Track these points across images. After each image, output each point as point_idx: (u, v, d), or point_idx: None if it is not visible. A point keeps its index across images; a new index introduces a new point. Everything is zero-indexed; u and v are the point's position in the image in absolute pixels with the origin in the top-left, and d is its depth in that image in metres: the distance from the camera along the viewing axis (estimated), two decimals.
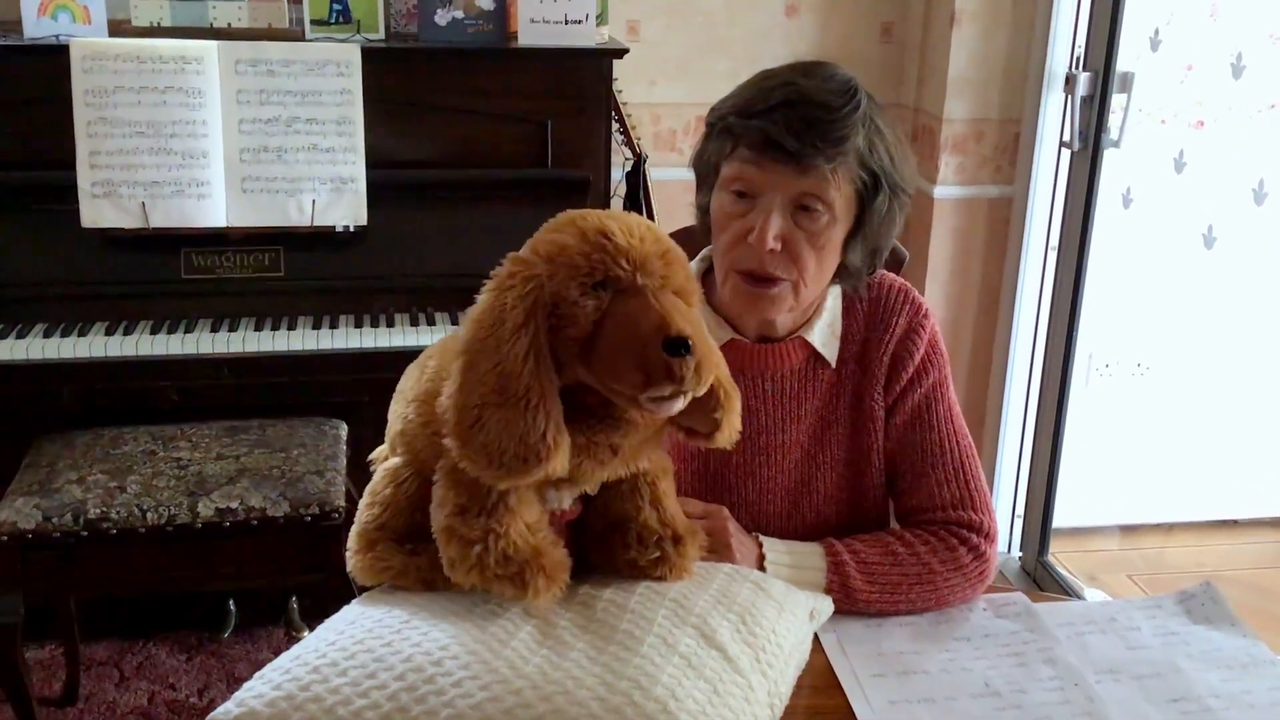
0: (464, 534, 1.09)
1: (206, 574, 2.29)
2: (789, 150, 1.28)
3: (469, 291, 1.12)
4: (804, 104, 1.29)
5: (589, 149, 2.71)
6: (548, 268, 1.06)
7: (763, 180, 1.31)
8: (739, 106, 1.33)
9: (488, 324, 1.05)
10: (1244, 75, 3.18)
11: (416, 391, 1.17)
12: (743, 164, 1.32)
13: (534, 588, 1.09)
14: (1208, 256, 3.35)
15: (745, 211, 1.33)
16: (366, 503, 1.22)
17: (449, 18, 2.65)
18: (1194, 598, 1.42)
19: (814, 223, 1.32)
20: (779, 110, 1.29)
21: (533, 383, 1.03)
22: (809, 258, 1.33)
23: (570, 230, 1.08)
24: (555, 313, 1.05)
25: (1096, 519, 3.52)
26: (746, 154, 1.31)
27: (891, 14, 3.28)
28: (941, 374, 1.48)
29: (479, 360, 1.04)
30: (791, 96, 1.29)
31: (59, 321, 2.43)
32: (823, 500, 1.49)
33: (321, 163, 2.51)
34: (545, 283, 1.05)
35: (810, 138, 1.27)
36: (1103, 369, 3.43)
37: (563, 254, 1.06)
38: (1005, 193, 3.18)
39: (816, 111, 1.28)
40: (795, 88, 1.30)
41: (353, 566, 1.21)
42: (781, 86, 1.31)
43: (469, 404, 1.04)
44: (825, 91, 1.30)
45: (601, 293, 1.05)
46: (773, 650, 1.15)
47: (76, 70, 2.39)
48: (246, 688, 1.06)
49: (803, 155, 1.28)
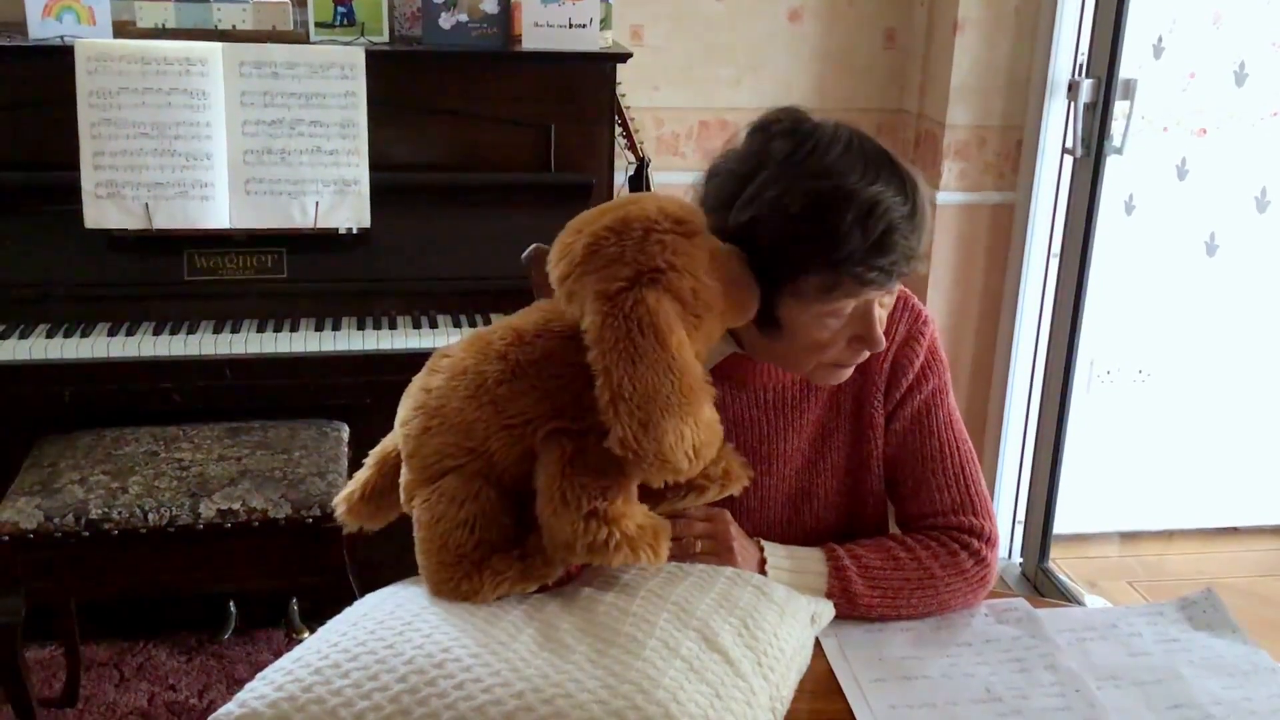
0: (610, 513, 1.13)
1: (207, 575, 2.29)
2: (895, 276, 1.25)
3: (471, 294, 1.14)
4: (908, 235, 1.23)
5: (592, 153, 2.72)
6: (672, 273, 1.14)
7: (867, 300, 1.28)
8: (862, 257, 1.21)
9: (648, 347, 1.10)
10: (1247, 83, 3.18)
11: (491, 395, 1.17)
12: (847, 296, 1.25)
13: (664, 550, 1.18)
14: (1210, 264, 3.35)
15: (843, 323, 1.29)
16: (445, 529, 1.17)
17: (453, 21, 2.66)
18: (1195, 604, 1.42)
19: (891, 297, 1.34)
20: (881, 247, 1.22)
21: (700, 379, 1.14)
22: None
23: (657, 233, 1.15)
24: (696, 304, 1.15)
25: (1097, 525, 3.52)
26: (853, 286, 1.24)
27: (894, 20, 3.28)
28: (941, 380, 1.48)
29: (656, 382, 1.10)
30: (900, 235, 1.23)
31: (62, 322, 2.43)
32: (823, 507, 1.49)
33: (325, 165, 2.51)
34: (678, 285, 1.14)
35: (910, 265, 1.26)
36: (1104, 376, 3.43)
37: (678, 254, 1.15)
38: (1007, 199, 3.18)
39: (911, 243, 1.24)
40: (904, 227, 1.23)
41: (463, 593, 1.16)
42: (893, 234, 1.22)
43: (664, 426, 1.09)
44: (919, 216, 1.26)
45: (710, 264, 1.17)
46: (774, 654, 1.15)
47: (81, 71, 2.40)
48: (249, 688, 1.06)
49: (906, 273, 1.27)
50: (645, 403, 1.09)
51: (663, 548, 1.17)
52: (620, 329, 1.10)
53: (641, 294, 1.11)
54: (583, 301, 1.15)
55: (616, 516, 1.13)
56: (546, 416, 1.16)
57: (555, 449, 1.15)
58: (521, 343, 1.19)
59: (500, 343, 1.20)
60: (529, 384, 1.17)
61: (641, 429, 1.08)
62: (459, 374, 1.20)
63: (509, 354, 1.18)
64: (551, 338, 1.18)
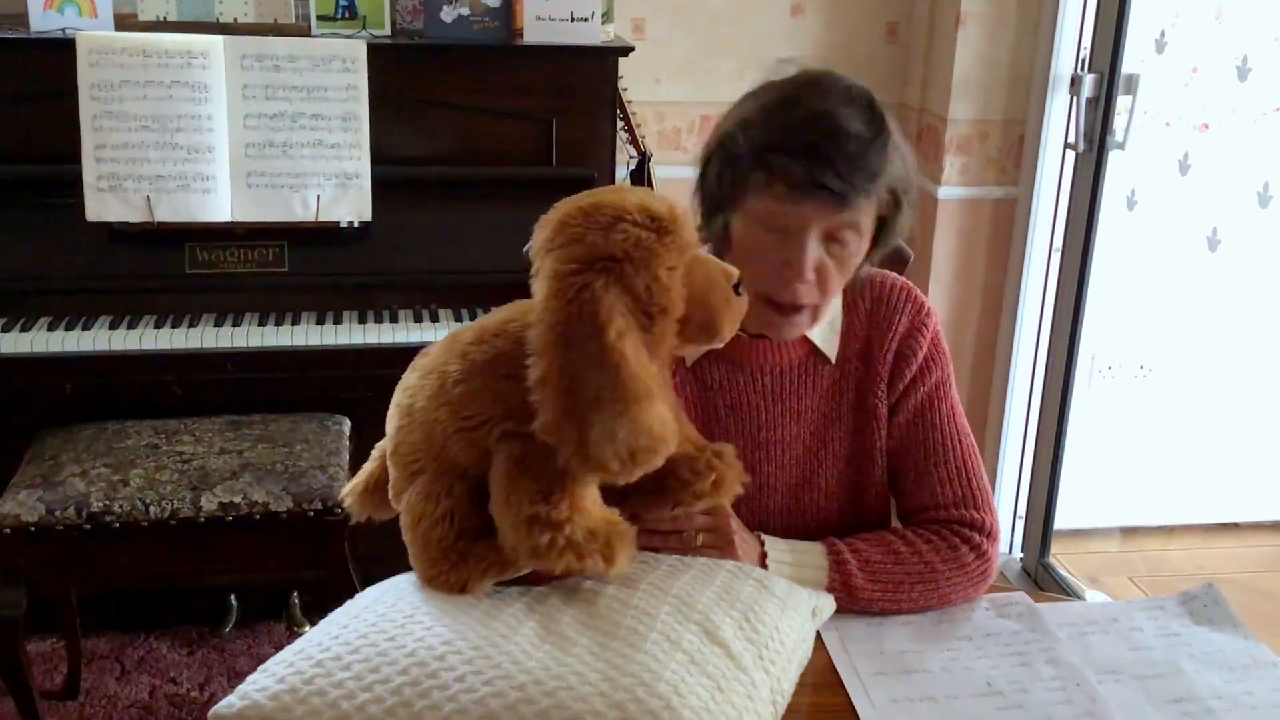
0: (552, 518, 1.09)
1: (208, 568, 2.29)
2: (832, 190, 1.25)
3: (472, 287, 1.13)
4: (841, 137, 1.25)
5: (593, 147, 2.71)
6: (628, 265, 1.08)
7: (797, 216, 1.28)
8: (774, 141, 1.27)
9: (584, 334, 1.05)
10: (1249, 78, 3.18)
11: (447, 396, 1.15)
12: (778, 201, 1.27)
13: (620, 556, 1.13)
14: (1212, 259, 3.35)
15: (776, 243, 1.30)
16: (426, 527, 1.17)
17: (455, 14, 2.65)
18: (1196, 599, 1.42)
19: (844, 249, 1.32)
20: (819, 148, 1.25)
21: (646, 375, 1.07)
22: (836, 282, 1.34)
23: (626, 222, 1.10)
24: (650, 304, 1.09)
25: (1098, 521, 3.52)
26: (783, 191, 1.27)
27: (897, 14, 3.28)
28: (944, 373, 1.49)
29: (587, 371, 1.05)
30: (828, 131, 1.25)
31: (63, 315, 2.43)
32: (824, 497, 1.49)
33: (326, 158, 2.51)
34: (632, 279, 1.08)
35: (853, 177, 1.25)
36: (1105, 371, 3.43)
37: (639, 248, 1.09)
38: (1009, 194, 3.18)
39: (853, 146, 1.25)
40: (830, 121, 1.26)
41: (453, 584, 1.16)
42: (815, 118, 1.26)
43: (590, 420, 1.04)
44: (856, 120, 1.27)
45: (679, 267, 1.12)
46: (775, 648, 1.16)
47: (82, 64, 2.39)
48: (250, 680, 1.06)
49: (845, 194, 1.26)
50: (571, 390, 1.05)
51: (619, 554, 1.12)
52: (560, 311, 1.06)
53: (590, 279, 1.07)
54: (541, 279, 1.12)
55: (559, 521, 1.09)
56: (499, 418, 1.12)
57: (503, 451, 1.11)
58: (480, 341, 1.16)
59: (463, 341, 1.18)
60: (482, 383, 1.13)
61: (564, 416, 1.05)
62: (428, 373, 1.19)
63: (469, 353, 1.15)
64: (508, 337, 1.14)
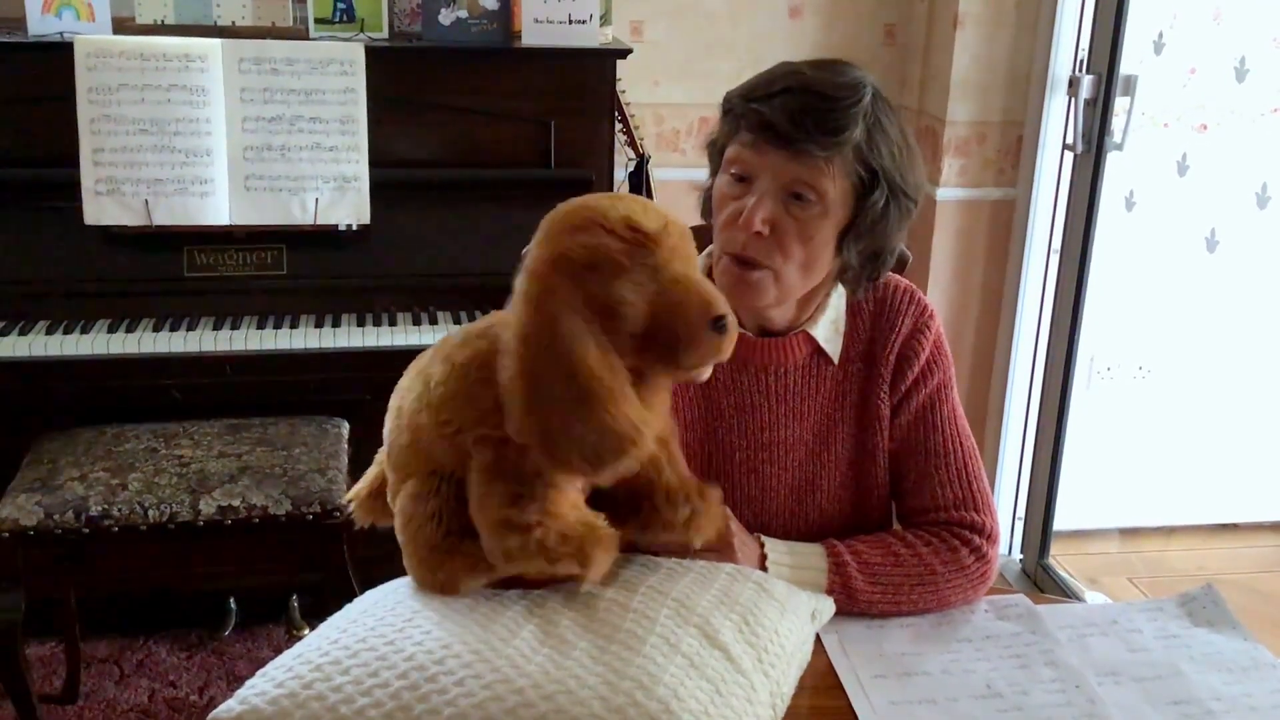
0: (523, 521, 1.09)
1: (208, 572, 2.30)
2: (783, 134, 1.29)
3: (471, 290, 1.13)
4: (805, 92, 1.30)
5: (592, 149, 2.71)
6: (590, 271, 1.07)
7: (757, 163, 1.32)
8: (744, 91, 1.35)
9: (545, 338, 1.05)
10: (1247, 79, 3.18)
11: (428, 399, 1.15)
12: (741, 147, 1.34)
13: (595, 561, 1.10)
14: (1210, 260, 3.35)
15: (741, 195, 1.34)
16: (414, 528, 1.18)
17: (453, 17, 2.65)
18: (1195, 600, 1.42)
19: (804, 211, 1.32)
20: (780, 96, 1.30)
21: (608, 376, 1.05)
22: (795, 247, 1.33)
23: (600, 229, 1.08)
24: (606, 314, 1.07)
25: (1097, 522, 3.52)
26: (746, 137, 1.33)
27: (895, 16, 3.28)
28: (946, 375, 1.49)
29: (546, 374, 1.05)
30: (794, 84, 1.31)
31: (61, 319, 2.43)
32: (827, 499, 1.49)
33: (325, 161, 2.51)
34: (592, 286, 1.07)
35: (806, 124, 1.28)
36: (1104, 372, 3.43)
37: (604, 257, 1.07)
38: (1008, 195, 3.18)
39: (815, 100, 1.30)
40: (801, 77, 1.32)
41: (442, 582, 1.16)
42: (788, 75, 1.33)
43: (551, 420, 1.04)
44: (830, 84, 1.31)
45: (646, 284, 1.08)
46: (775, 651, 1.15)
47: (80, 67, 2.39)
48: (249, 685, 1.06)
49: (796, 140, 1.28)
50: (536, 388, 1.05)
51: (594, 559, 1.10)
52: (523, 310, 1.07)
53: (554, 281, 1.07)
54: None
55: (528, 524, 1.08)
56: (474, 422, 1.12)
57: (478, 455, 1.11)
58: (464, 345, 1.16)
59: (450, 344, 1.18)
60: (460, 387, 1.13)
61: (527, 414, 1.05)
62: (415, 375, 1.20)
63: (452, 355, 1.15)
64: (488, 339, 1.13)
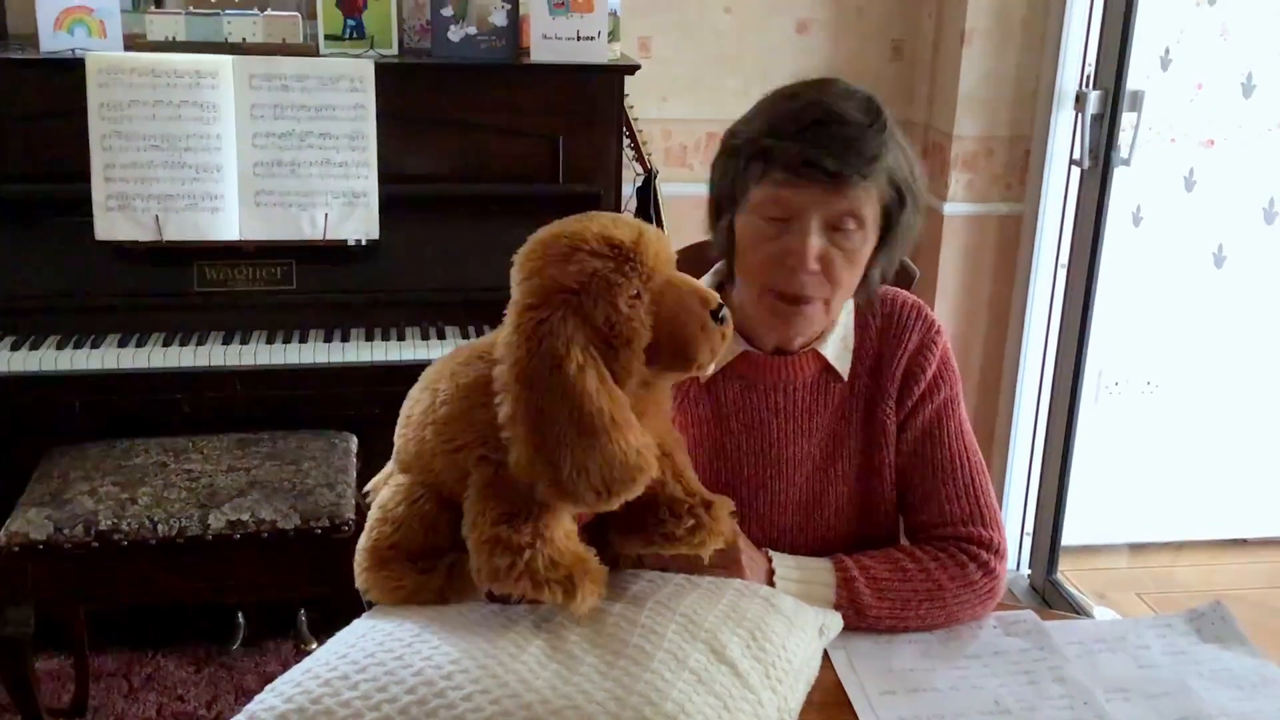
0: (513, 541, 1.09)
1: (216, 586, 2.29)
2: (828, 170, 1.28)
3: (479, 305, 1.13)
4: (837, 123, 1.29)
5: (600, 164, 2.72)
6: (585, 297, 1.07)
7: (799, 202, 1.30)
8: (770, 128, 1.31)
9: (544, 370, 1.05)
10: (1254, 94, 3.18)
11: (434, 415, 1.16)
12: (777, 187, 1.31)
13: (582, 592, 1.10)
14: (1218, 275, 3.34)
15: (779, 234, 1.32)
16: (377, 518, 1.22)
17: (462, 34, 2.67)
18: (1204, 617, 1.42)
19: (848, 240, 1.33)
20: (813, 130, 1.28)
21: (611, 408, 1.05)
22: (844, 275, 1.34)
23: (583, 253, 1.08)
24: (611, 335, 1.07)
25: (1105, 537, 3.50)
26: (781, 176, 1.30)
27: (902, 31, 3.29)
28: (953, 390, 1.49)
29: (549, 412, 1.05)
30: (822, 116, 1.29)
31: (72, 333, 2.44)
32: (834, 514, 1.49)
33: (334, 177, 2.52)
34: (590, 311, 1.07)
35: (848, 157, 1.28)
36: (1112, 387, 3.42)
37: (596, 279, 1.08)
38: (1015, 210, 3.18)
39: (850, 130, 1.29)
40: (824, 106, 1.30)
41: (363, 583, 1.21)
42: (810, 106, 1.30)
43: (558, 454, 1.04)
44: (853, 109, 1.31)
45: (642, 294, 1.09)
46: (782, 666, 1.15)
47: (92, 84, 2.41)
48: (258, 700, 1.06)
49: (841, 175, 1.28)
50: (540, 428, 1.05)
51: (581, 590, 1.10)
52: (520, 348, 1.07)
53: (546, 314, 1.07)
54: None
55: (519, 545, 1.08)
56: (475, 443, 1.12)
57: (477, 473, 1.12)
58: (469, 363, 1.16)
59: (457, 360, 1.19)
60: (463, 408, 1.14)
61: (536, 454, 1.05)
62: (425, 387, 1.21)
63: (457, 374, 1.16)
64: (487, 364, 1.13)
